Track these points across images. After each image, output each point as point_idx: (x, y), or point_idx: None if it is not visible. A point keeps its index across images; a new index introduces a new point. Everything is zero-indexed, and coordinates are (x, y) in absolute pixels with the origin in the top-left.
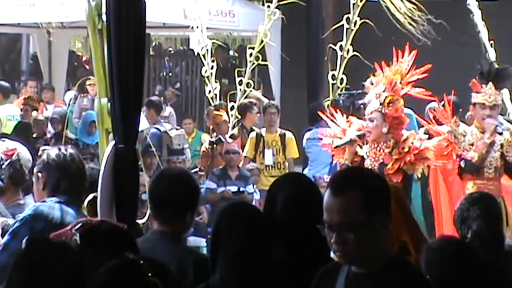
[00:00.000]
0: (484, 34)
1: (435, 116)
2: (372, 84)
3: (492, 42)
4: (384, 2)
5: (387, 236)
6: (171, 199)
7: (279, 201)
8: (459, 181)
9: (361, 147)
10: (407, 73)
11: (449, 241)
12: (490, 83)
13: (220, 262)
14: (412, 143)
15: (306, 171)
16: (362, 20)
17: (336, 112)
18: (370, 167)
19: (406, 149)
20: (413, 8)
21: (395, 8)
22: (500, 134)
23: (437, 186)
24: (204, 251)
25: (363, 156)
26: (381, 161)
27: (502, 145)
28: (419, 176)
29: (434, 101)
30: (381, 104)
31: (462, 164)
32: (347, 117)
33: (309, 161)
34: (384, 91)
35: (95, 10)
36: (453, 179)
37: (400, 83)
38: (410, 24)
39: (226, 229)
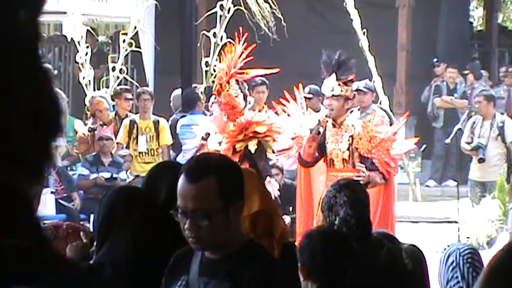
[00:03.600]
0: (356, 22)
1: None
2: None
3: (365, 30)
4: None
5: (240, 221)
6: None
7: (160, 191)
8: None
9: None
10: (238, 59)
11: (318, 229)
12: (334, 73)
13: (114, 242)
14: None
15: (179, 158)
16: (236, 7)
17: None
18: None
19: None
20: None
21: None
22: (317, 130)
23: (306, 176)
24: None
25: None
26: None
27: (352, 137)
28: (253, 151)
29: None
30: (214, 95)
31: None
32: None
33: (182, 148)
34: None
35: None
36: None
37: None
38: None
39: (122, 210)
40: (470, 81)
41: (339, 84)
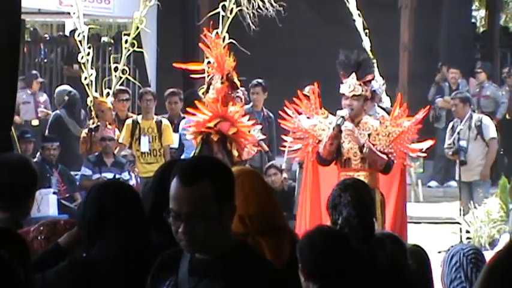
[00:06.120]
0: (359, 23)
1: (296, 109)
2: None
3: (367, 31)
4: None
5: (231, 223)
6: (10, 185)
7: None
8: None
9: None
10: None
11: (320, 228)
12: (353, 73)
13: (108, 238)
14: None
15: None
16: (238, 8)
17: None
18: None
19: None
20: None
21: None
22: (339, 127)
23: (315, 177)
24: None
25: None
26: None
27: (369, 135)
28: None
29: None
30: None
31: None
32: None
33: (184, 149)
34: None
35: None
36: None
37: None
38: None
39: (111, 205)
40: (481, 80)
41: (360, 84)
